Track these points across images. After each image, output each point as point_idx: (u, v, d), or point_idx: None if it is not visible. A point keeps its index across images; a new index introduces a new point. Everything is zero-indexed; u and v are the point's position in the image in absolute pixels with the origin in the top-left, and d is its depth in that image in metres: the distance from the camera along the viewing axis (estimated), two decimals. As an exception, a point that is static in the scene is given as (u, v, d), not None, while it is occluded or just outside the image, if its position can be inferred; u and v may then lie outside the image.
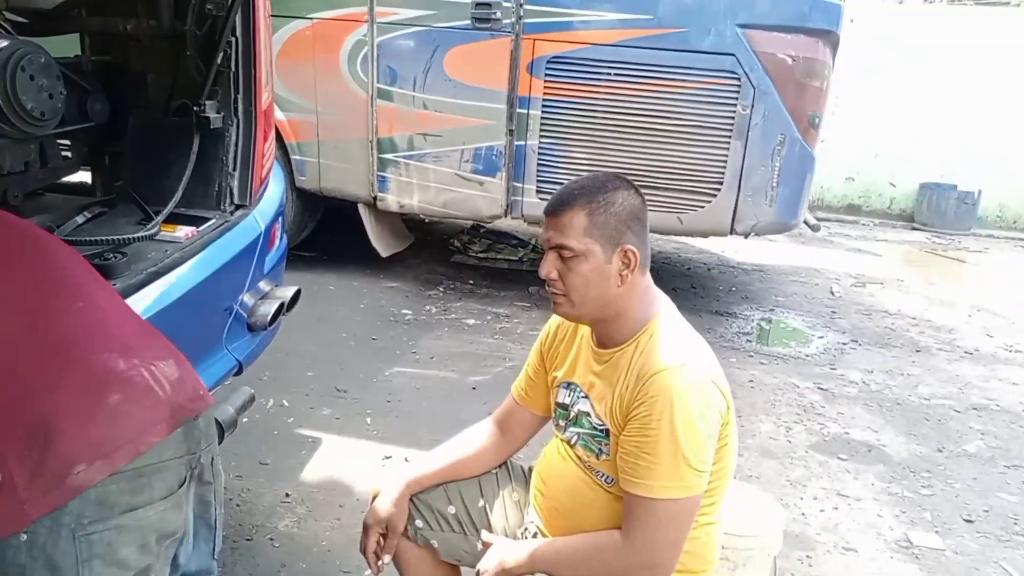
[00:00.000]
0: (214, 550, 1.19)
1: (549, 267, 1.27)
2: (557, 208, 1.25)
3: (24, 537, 0.91)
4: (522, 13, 3.75)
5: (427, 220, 5.22)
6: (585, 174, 1.35)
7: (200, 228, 1.87)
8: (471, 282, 4.51)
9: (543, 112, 3.86)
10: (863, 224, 7.36)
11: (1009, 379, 3.69)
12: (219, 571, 1.24)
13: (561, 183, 1.34)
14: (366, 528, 1.45)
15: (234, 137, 2.01)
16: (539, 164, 3.94)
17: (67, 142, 2.15)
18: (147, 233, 1.75)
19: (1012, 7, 8.41)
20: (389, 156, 4.10)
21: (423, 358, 3.41)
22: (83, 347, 0.99)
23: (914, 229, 7.21)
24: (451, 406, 2.94)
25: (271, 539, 2.13)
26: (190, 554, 1.13)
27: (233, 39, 1.98)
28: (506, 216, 4.11)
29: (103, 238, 1.67)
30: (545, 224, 1.28)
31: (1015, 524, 2.47)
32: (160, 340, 1.12)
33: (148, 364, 1.03)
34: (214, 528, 1.18)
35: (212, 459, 1.14)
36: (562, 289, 1.26)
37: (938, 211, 7.13)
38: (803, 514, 2.44)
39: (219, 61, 1.97)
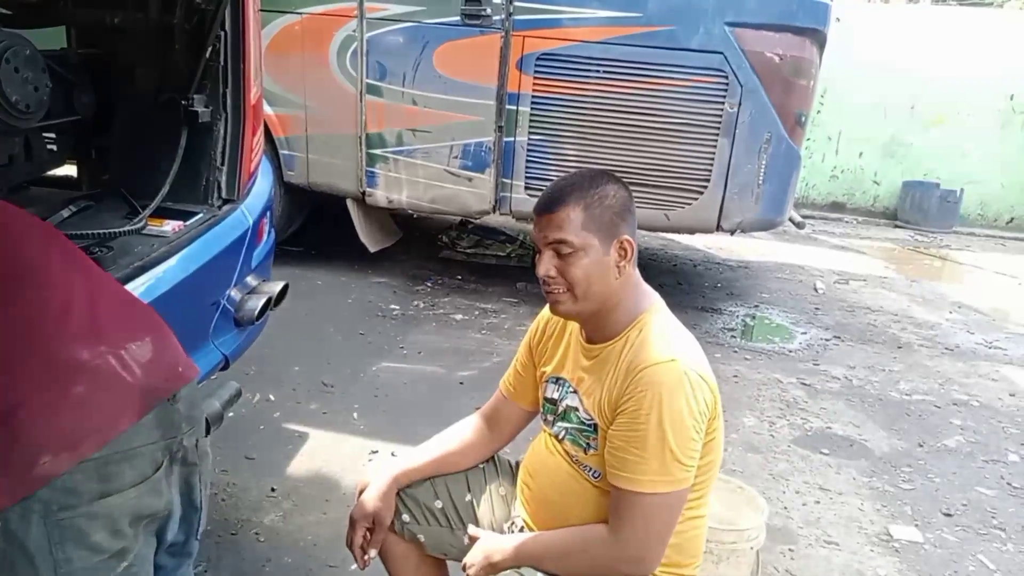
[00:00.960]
0: (197, 530, 1.20)
1: (547, 265, 1.26)
2: (551, 206, 1.26)
3: None
4: (512, 10, 3.75)
5: (415, 216, 5.21)
6: (572, 171, 1.36)
7: (187, 222, 1.86)
8: (459, 277, 4.52)
9: (532, 108, 3.87)
10: (847, 221, 7.43)
11: (988, 375, 3.75)
12: (203, 565, 1.23)
13: (550, 179, 1.35)
14: (352, 522, 1.46)
15: (222, 131, 2.01)
16: (528, 160, 3.95)
17: (53, 135, 2.14)
18: (134, 227, 1.74)
19: (995, 7, 8.50)
20: (378, 152, 4.09)
21: (410, 353, 3.42)
22: (47, 338, 0.99)
23: (897, 227, 7.29)
24: (438, 401, 2.95)
25: (256, 533, 2.13)
26: (175, 532, 1.13)
27: (222, 33, 1.97)
28: (495, 212, 4.11)
29: (89, 232, 1.66)
30: (538, 223, 1.28)
31: (993, 518, 2.52)
32: (137, 318, 1.10)
33: (116, 349, 1.02)
34: (199, 509, 1.18)
35: (196, 441, 1.13)
36: (563, 286, 1.26)
37: (921, 209, 7.21)
38: (786, 508, 2.47)
39: (208, 55, 1.96)
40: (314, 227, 4.69)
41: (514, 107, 3.87)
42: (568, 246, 1.24)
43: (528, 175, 3.97)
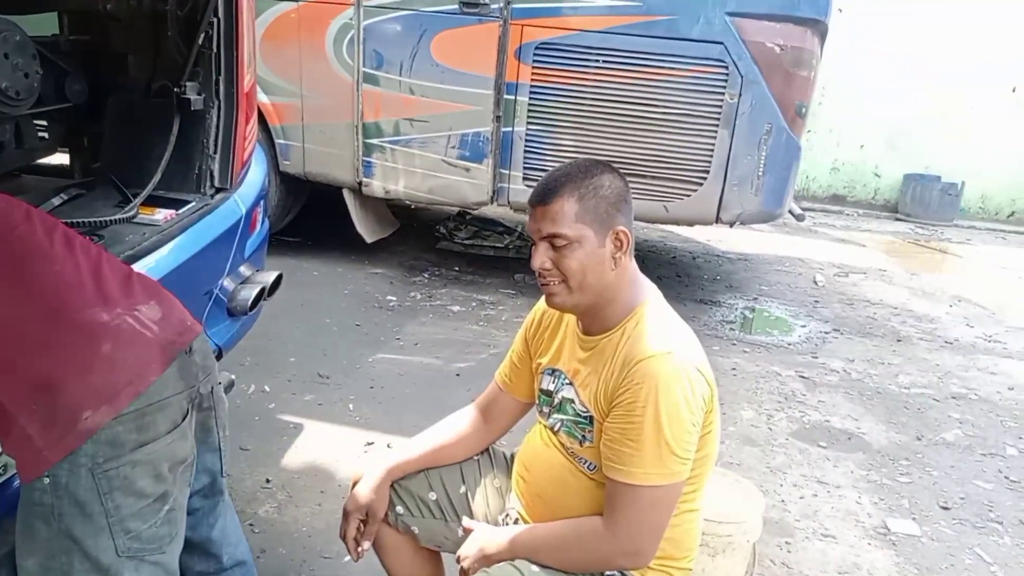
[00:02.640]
0: (222, 470, 1.30)
1: (542, 258, 1.24)
2: (545, 197, 1.24)
3: (47, 480, 1.00)
4: (510, -2, 3.72)
5: (413, 206, 5.19)
6: (569, 162, 1.34)
7: (179, 211, 1.85)
8: (456, 269, 4.50)
9: (530, 98, 3.83)
10: (847, 214, 7.41)
11: (988, 369, 3.74)
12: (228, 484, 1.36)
13: (548, 170, 1.33)
14: (346, 514, 1.45)
15: (215, 119, 1.98)
16: (526, 151, 3.92)
17: (44, 123, 2.12)
18: (125, 216, 1.73)
19: (998, -1, 8.43)
20: (375, 141, 4.06)
21: (407, 344, 3.40)
22: (68, 306, 1.07)
23: (898, 220, 7.27)
24: (434, 392, 2.94)
25: (251, 525, 2.12)
26: (196, 475, 1.23)
27: (215, 20, 1.95)
28: (492, 203, 4.09)
29: (80, 220, 1.64)
30: (532, 215, 1.26)
31: (990, 511, 2.51)
32: (139, 285, 1.18)
33: (131, 311, 1.10)
34: (219, 451, 1.27)
35: (212, 388, 1.23)
36: (558, 278, 1.25)
37: (922, 202, 7.18)
38: (783, 501, 2.46)
39: (201, 42, 1.94)
40: (310, 217, 4.67)
41: (512, 97, 3.84)
42: (562, 238, 1.22)
43: (526, 166, 3.94)
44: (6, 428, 1.02)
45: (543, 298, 1.37)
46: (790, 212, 4.40)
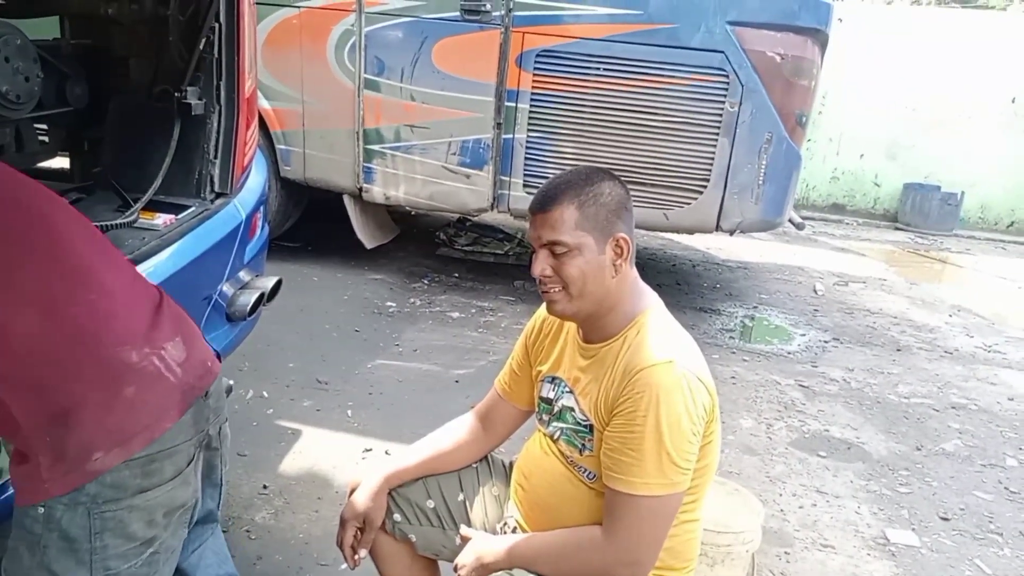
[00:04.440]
0: (219, 503, 1.29)
1: (542, 265, 1.24)
2: (545, 205, 1.23)
3: (41, 511, 0.99)
4: (512, 6, 3.73)
5: (413, 212, 5.19)
6: (569, 169, 1.34)
7: (179, 216, 1.84)
8: (456, 275, 4.49)
9: (531, 106, 3.84)
10: (847, 223, 7.42)
11: (987, 379, 3.73)
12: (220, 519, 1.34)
13: (549, 177, 1.33)
14: (343, 522, 1.44)
15: (216, 124, 1.98)
16: (527, 158, 3.93)
17: (44, 126, 2.11)
18: (125, 220, 1.72)
19: (998, 10, 8.49)
20: (375, 147, 4.07)
21: (406, 351, 3.40)
22: (97, 341, 1.04)
23: (897, 229, 7.28)
24: (434, 399, 2.93)
25: (247, 531, 2.11)
26: (199, 512, 1.21)
27: (216, 25, 1.95)
28: (493, 209, 4.09)
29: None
30: (533, 222, 1.26)
31: (990, 522, 2.50)
32: (168, 316, 1.16)
33: (158, 350, 1.08)
34: (219, 485, 1.27)
35: (220, 428, 1.22)
36: (558, 285, 1.24)
37: (921, 212, 7.20)
38: (782, 510, 2.45)
39: (202, 47, 1.94)
40: (310, 223, 4.67)
41: (513, 104, 3.85)
42: (562, 246, 1.22)
43: (527, 173, 3.95)
44: (21, 452, 1.01)
45: (543, 305, 1.37)
46: (790, 221, 4.40)
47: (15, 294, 1.00)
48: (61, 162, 2.37)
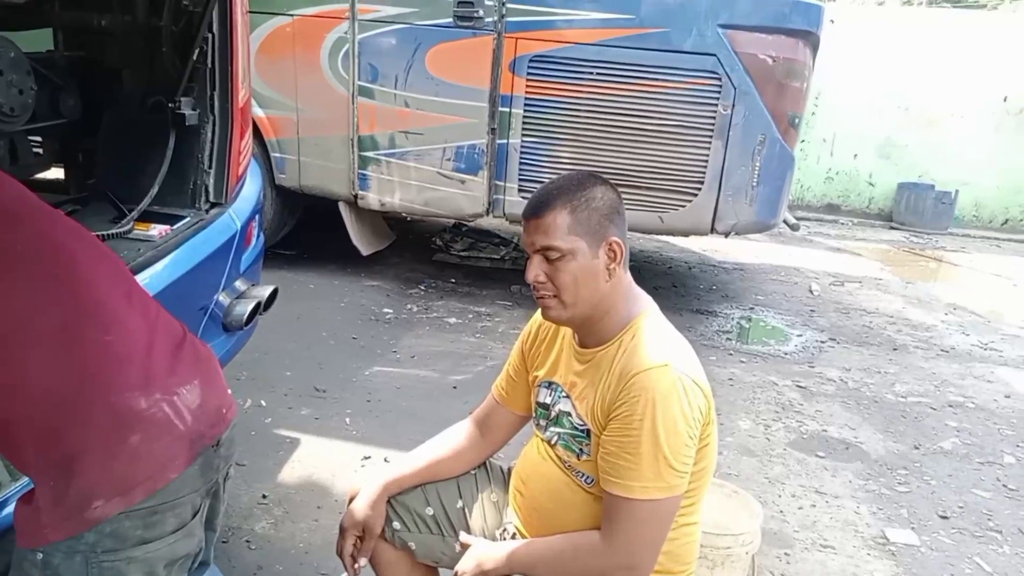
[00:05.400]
0: (215, 541, 1.27)
1: (536, 270, 1.25)
2: (538, 210, 1.24)
3: (40, 556, 0.98)
4: (505, 11, 3.74)
5: (409, 218, 5.19)
6: (561, 175, 1.34)
7: (174, 226, 1.84)
8: (453, 281, 4.50)
9: (525, 111, 3.85)
10: (842, 223, 7.44)
11: (984, 377, 3.74)
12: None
13: (543, 182, 1.34)
14: (342, 530, 1.44)
15: (210, 134, 1.99)
16: (521, 163, 3.94)
17: (39, 138, 2.11)
18: (120, 231, 1.73)
19: (989, 10, 8.54)
20: (370, 154, 4.07)
21: (404, 357, 3.40)
22: (106, 387, 1.02)
23: (892, 228, 7.30)
24: (432, 406, 2.93)
25: (247, 541, 2.10)
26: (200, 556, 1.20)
27: (210, 35, 1.95)
28: (488, 215, 4.10)
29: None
30: (526, 228, 1.26)
31: (989, 520, 2.50)
32: (188, 356, 1.13)
33: (170, 396, 1.05)
34: (217, 530, 1.25)
35: (227, 474, 1.19)
36: (552, 291, 1.25)
37: (916, 211, 7.22)
38: (781, 511, 2.46)
39: (195, 57, 1.95)
40: (306, 230, 4.67)
41: (507, 109, 3.86)
42: (556, 251, 1.22)
43: (521, 177, 3.95)
44: (29, 492, 0.99)
45: (539, 311, 1.37)
46: (785, 222, 4.42)
47: (34, 336, 0.99)
48: (56, 173, 2.37)
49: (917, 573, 2.21)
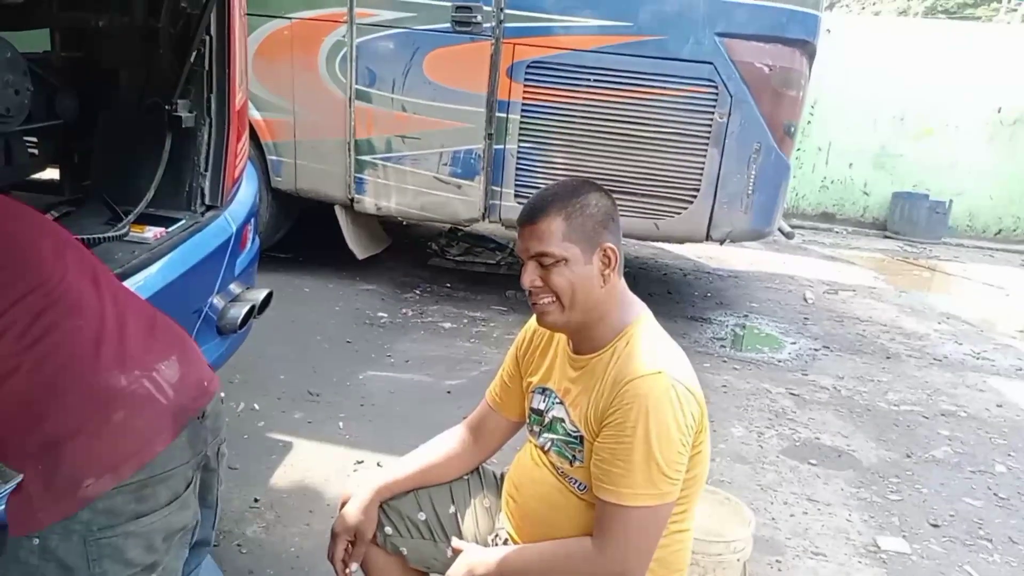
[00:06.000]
0: (214, 523, 1.28)
1: (531, 276, 1.26)
2: (533, 216, 1.25)
3: (36, 541, 0.99)
4: (503, 17, 3.75)
5: (404, 223, 5.19)
6: (561, 180, 1.35)
7: (170, 229, 1.84)
8: (448, 285, 4.50)
9: (522, 116, 3.86)
10: (837, 232, 7.47)
11: (976, 386, 3.76)
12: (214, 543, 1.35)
13: (540, 188, 1.35)
14: (334, 535, 1.43)
15: (206, 137, 1.99)
16: (518, 168, 3.94)
17: (34, 139, 2.11)
18: (115, 233, 1.72)
19: (984, 21, 8.59)
20: (367, 158, 4.08)
21: (398, 362, 3.39)
22: (85, 369, 1.04)
23: (886, 237, 7.34)
24: (426, 410, 2.93)
25: (239, 545, 2.09)
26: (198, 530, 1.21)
27: (207, 37, 1.96)
28: (484, 220, 4.10)
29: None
30: (521, 234, 1.27)
31: (980, 528, 2.51)
32: (162, 334, 1.16)
33: (149, 372, 1.07)
34: (215, 507, 1.26)
35: (218, 448, 1.21)
36: (548, 297, 1.25)
37: (910, 220, 7.26)
38: (773, 519, 2.46)
39: (192, 59, 1.95)
40: (302, 233, 4.66)
41: (504, 115, 3.87)
42: (550, 257, 1.23)
43: (518, 183, 3.96)
44: (20, 485, 1.00)
45: (534, 317, 1.37)
46: (779, 230, 4.43)
47: (5, 322, 1.00)
48: (51, 174, 2.36)
49: (908, 582, 2.21)
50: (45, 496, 0.98)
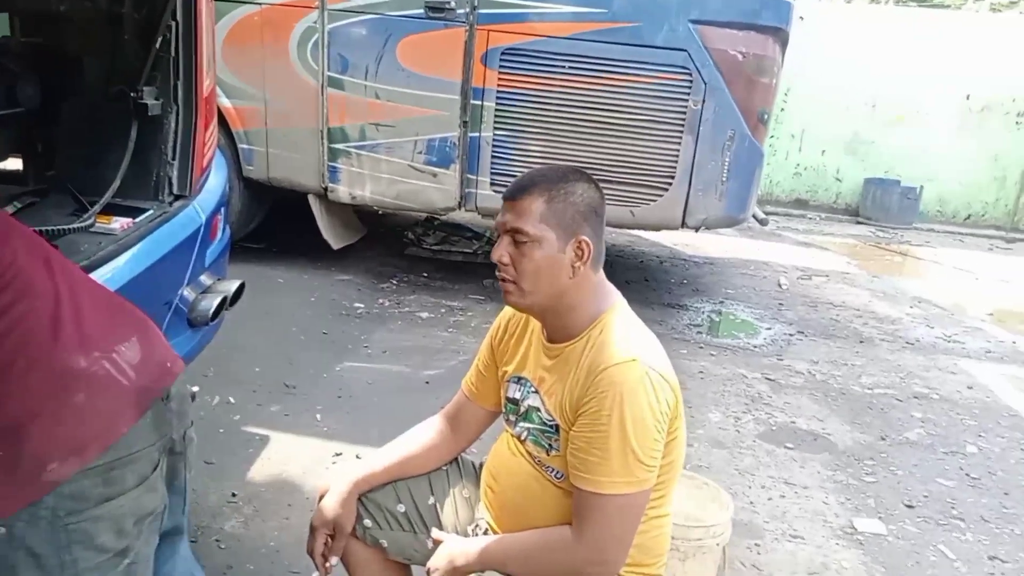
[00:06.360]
0: (184, 510, 1.26)
1: (502, 251, 1.25)
2: (516, 193, 1.24)
3: (2, 530, 0.96)
4: (476, 3, 3.72)
5: (380, 212, 5.15)
6: (551, 164, 1.34)
7: (137, 219, 1.80)
8: (425, 275, 4.47)
9: (497, 104, 3.83)
10: (810, 218, 7.55)
11: (948, 368, 3.83)
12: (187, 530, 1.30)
13: (515, 175, 1.34)
14: (313, 529, 1.41)
15: (173, 125, 1.94)
16: (493, 156, 3.92)
17: (-5, 128, 2.05)
18: (81, 225, 1.68)
19: (953, 9, 8.70)
20: (340, 146, 4.02)
21: (375, 352, 3.37)
22: (43, 351, 1.01)
23: (859, 223, 7.43)
24: (404, 401, 2.91)
25: (217, 540, 2.07)
26: (164, 522, 1.19)
27: (173, 23, 1.91)
28: (460, 208, 4.08)
29: (34, 230, 1.59)
30: (503, 208, 1.26)
31: (952, 508, 2.56)
32: (121, 316, 1.13)
33: (109, 353, 1.05)
34: (183, 493, 1.23)
35: (184, 432, 1.18)
36: (512, 275, 1.25)
37: (882, 206, 7.35)
38: (751, 503, 2.48)
39: (158, 45, 1.90)
40: (275, 223, 4.60)
41: (479, 102, 3.84)
42: (524, 235, 1.22)
43: (494, 171, 3.94)
44: None
45: (508, 307, 1.36)
46: (754, 216, 4.46)
47: None
48: (14, 164, 2.30)
49: (884, 562, 2.25)
50: (8, 483, 0.96)
